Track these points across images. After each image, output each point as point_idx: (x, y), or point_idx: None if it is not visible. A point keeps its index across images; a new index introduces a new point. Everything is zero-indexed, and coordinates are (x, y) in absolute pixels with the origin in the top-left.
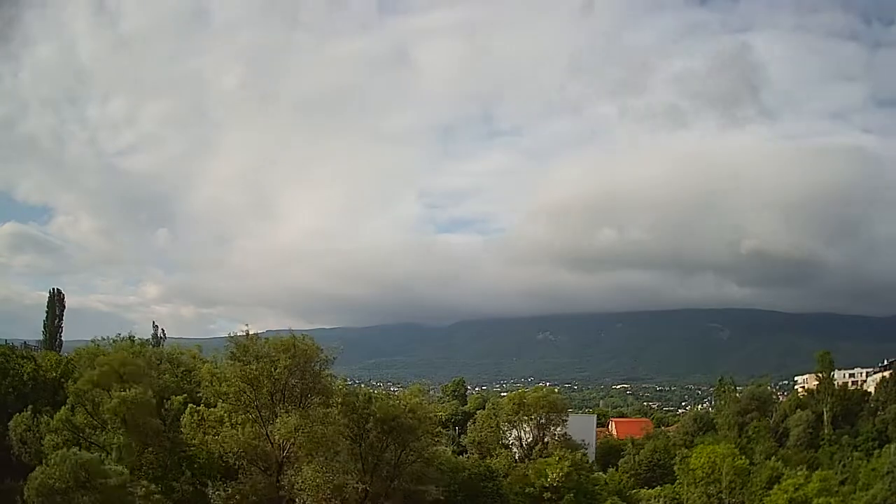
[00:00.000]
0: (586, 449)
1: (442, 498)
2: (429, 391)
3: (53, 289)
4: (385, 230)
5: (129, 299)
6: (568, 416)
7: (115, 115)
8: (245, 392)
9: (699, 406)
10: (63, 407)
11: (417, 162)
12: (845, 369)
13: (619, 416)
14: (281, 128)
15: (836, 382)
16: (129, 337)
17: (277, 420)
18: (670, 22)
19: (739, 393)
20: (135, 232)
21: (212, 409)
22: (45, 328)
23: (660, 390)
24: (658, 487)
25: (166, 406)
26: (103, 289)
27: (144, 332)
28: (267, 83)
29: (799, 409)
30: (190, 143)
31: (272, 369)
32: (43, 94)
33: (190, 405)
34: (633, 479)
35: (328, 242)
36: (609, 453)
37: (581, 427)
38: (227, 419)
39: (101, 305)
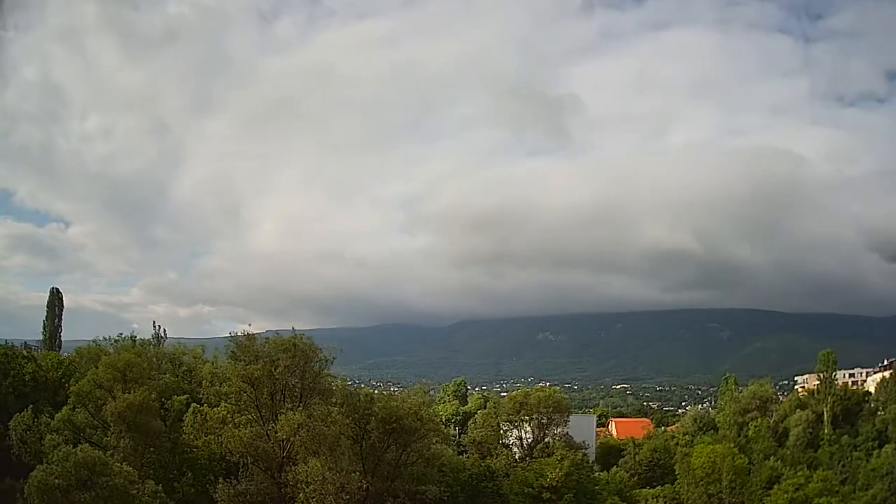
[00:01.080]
0: (586, 449)
1: (444, 498)
2: (429, 391)
3: (53, 289)
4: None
5: (123, 299)
6: (569, 416)
7: (96, 126)
8: (245, 392)
9: (699, 406)
10: (64, 407)
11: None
12: (845, 369)
13: (619, 416)
14: (240, 136)
15: (836, 382)
16: (131, 337)
17: (281, 417)
18: (585, 25)
19: (740, 392)
20: (127, 233)
21: (214, 409)
22: (44, 328)
23: (660, 390)
24: (658, 487)
25: (167, 406)
26: (97, 289)
27: (140, 332)
28: (216, 98)
29: (799, 409)
30: (167, 151)
31: (272, 369)
32: (28, 110)
33: (193, 405)
34: (633, 478)
35: (310, 244)
36: (609, 453)
37: (581, 427)
38: (228, 419)
39: (96, 305)
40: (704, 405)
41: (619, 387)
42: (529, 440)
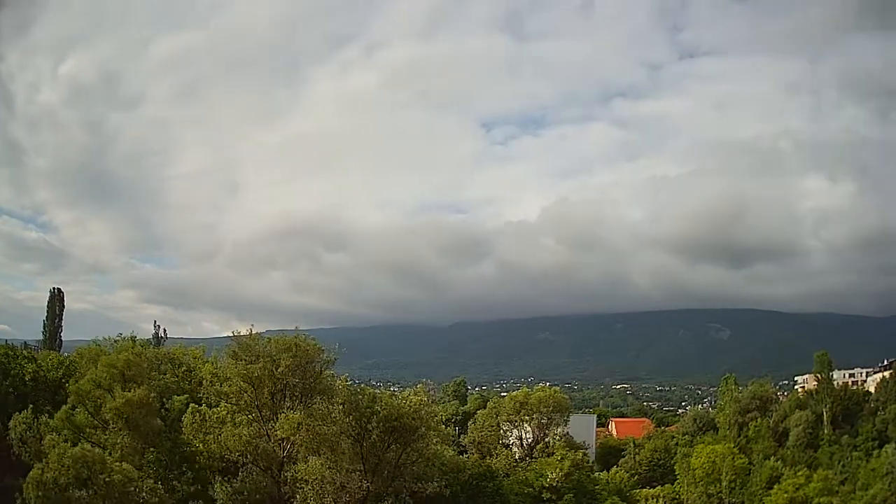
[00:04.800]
0: (587, 449)
1: (445, 495)
2: (430, 391)
3: (54, 288)
4: None
5: (117, 300)
6: (569, 415)
7: (85, 127)
8: (246, 392)
9: (699, 406)
10: (64, 406)
11: None
12: (845, 369)
13: (619, 416)
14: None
15: (836, 382)
16: (131, 337)
17: (281, 416)
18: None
19: (740, 392)
20: (120, 233)
21: (214, 409)
22: (45, 328)
23: (660, 390)
24: (658, 487)
25: (167, 406)
26: (89, 289)
27: (135, 332)
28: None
29: (799, 409)
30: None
31: (274, 369)
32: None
33: (192, 405)
34: (633, 478)
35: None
36: (609, 453)
37: (581, 427)
38: (228, 419)
39: (91, 306)
40: (704, 405)
41: (619, 387)
42: (530, 440)
